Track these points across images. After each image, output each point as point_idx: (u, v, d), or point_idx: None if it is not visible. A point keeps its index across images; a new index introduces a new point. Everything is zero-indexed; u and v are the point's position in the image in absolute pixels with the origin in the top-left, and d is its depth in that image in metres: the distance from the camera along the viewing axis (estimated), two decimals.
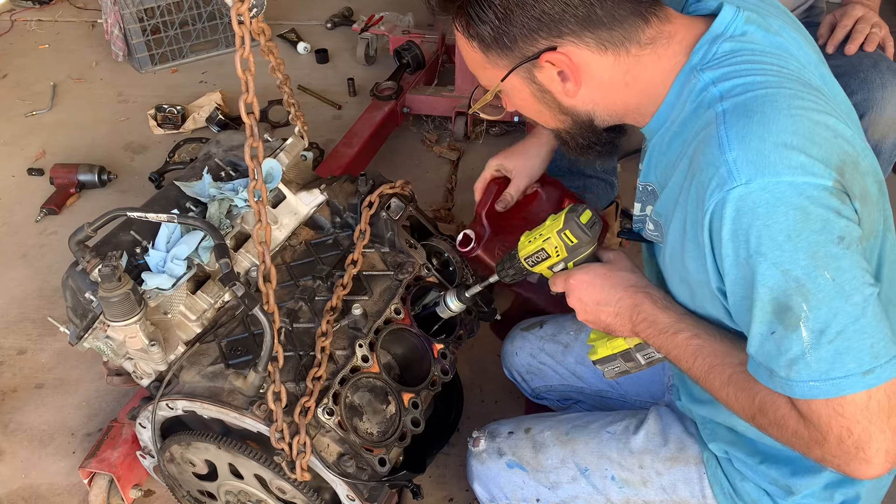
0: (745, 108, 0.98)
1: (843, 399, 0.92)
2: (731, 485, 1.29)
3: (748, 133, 0.95)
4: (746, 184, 0.93)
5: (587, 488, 1.39)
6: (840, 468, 0.96)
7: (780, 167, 0.92)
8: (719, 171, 0.95)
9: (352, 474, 1.37)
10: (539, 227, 1.32)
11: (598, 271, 1.24)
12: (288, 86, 1.78)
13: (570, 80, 1.10)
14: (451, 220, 2.77)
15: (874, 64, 1.71)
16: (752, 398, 1.02)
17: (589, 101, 1.14)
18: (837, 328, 0.91)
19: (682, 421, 1.40)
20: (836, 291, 0.91)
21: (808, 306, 0.92)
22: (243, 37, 1.18)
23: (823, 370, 0.92)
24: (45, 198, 2.96)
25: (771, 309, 0.95)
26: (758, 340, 0.98)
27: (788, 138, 0.94)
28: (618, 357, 1.27)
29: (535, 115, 1.24)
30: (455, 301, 1.53)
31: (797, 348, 0.93)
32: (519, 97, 1.19)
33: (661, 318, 1.15)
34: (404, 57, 3.35)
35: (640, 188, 1.23)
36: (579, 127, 1.20)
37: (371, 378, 1.44)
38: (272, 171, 1.69)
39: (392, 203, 1.69)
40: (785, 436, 1.00)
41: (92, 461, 1.79)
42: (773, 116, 0.95)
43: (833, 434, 0.93)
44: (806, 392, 0.94)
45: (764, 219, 0.92)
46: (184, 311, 1.52)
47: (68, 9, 4.62)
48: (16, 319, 2.46)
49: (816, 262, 0.92)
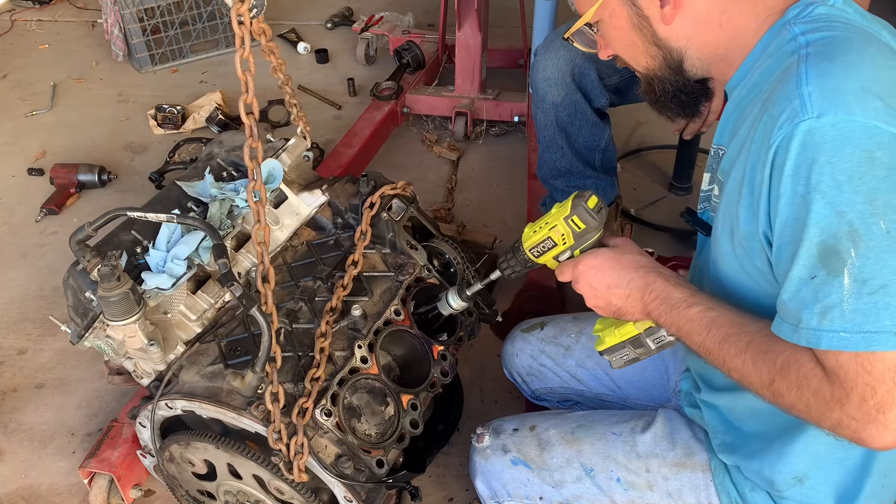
0: (829, 51, 0.97)
1: (873, 355, 0.90)
2: (738, 494, 1.28)
3: (828, 72, 0.94)
4: (818, 117, 0.92)
5: (592, 489, 1.38)
6: (856, 434, 0.93)
7: (854, 107, 0.91)
8: (792, 103, 0.95)
9: (349, 476, 1.37)
10: (544, 217, 1.30)
11: (607, 255, 1.24)
12: (289, 86, 1.78)
13: (671, 5, 1.11)
14: (451, 220, 2.77)
15: None
16: (773, 360, 0.99)
17: (683, 35, 1.15)
18: (881, 281, 0.89)
19: (691, 426, 1.39)
20: (888, 243, 0.90)
21: (856, 253, 0.90)
22: (243, 37, 1.18)
23: (858, 322, 0.90)
24: (45, 198, 2.96)
25: (817, 251, 0.93)
26: (795, 285, 0.95)
27: (869, 84, 0.93)
28: (626, 344, 1.24)
29: (627, 48, 1.23)
30: (457, 299, 1.51)
31: (836, 295, 0.91)
32: (615, 24, 1.19)
33: (675, 294, 1.14)
34: (404, 57, 3.35)
35: (712, 152, 1.21)
36: (669, 67, 1.20)
37: (370, 379, 1.44)
38: (274, 172, 1.69)
39: (393, 204, 1.69)
40: (803, 397, 0.97)
41: (92, 461, 1.79)
42: (857, 62, 0.95)
43: (857, 392, 0.91)
44: (835, 342, 0.92)
45: (829, 155, 0.91)
46: (184, 311, 1.52)
47: (68, 9, 4.62)
48: (16, 319, 2.46)
49: (874, 209, 0.90)
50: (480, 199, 2.93)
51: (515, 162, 3.11)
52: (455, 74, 3.24)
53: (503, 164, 3.12)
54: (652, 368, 1.60)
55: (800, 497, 1.21)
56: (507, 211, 2.84)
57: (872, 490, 1.17)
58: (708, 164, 1.23)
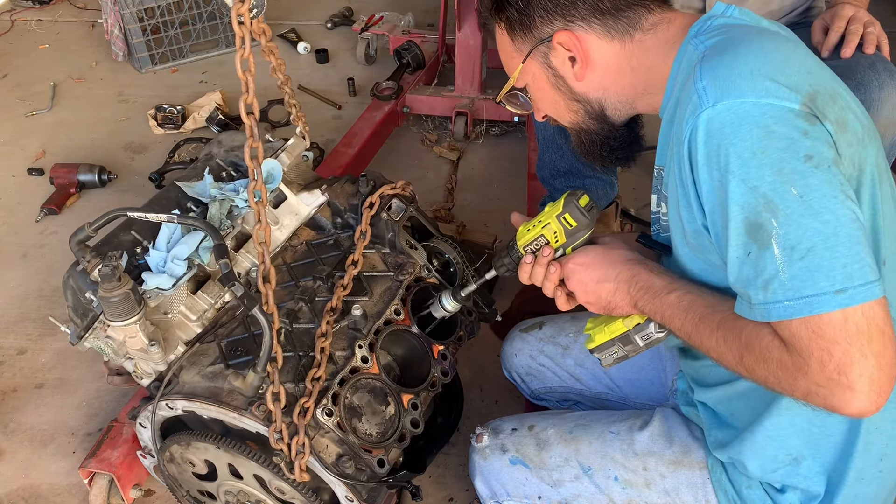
0: (720, 49, 1.05)
1: (820, 318, 0.92)
2: (735, 492, 1.28)
3: (719, 65, 1.02)
4: (713, 105, 0.99)
5: (590, 488, 1.39)
6: (827, 401, 0.95)
7: (744, 89, 0.98)
8: (692, 99, 1.02)
9: (350, 475, 1.37)
10: (537, 216, 1.34)
11: (596, 251, 1.28)
12: (289, 87, 1.78)
13: (579, 63, 1.21)
14: (451, 219, 2.77)
15: (871, 65, 1.70)
16: (738, 336, 1.03)
17: (599, 86, 1.24)
18: (807, 245, 0.93)
19: (688, 425, 1.39)
20: (804, 208, 0.93)
21: (777, 222, 0.94)
22: (244, 38, 1.19)
23: (797, 288, 0.93)
24: (45, 198, 2.96)
25: (744, 228, 0.97)
26: (736, 266, 1.00)
27: (756, 67, 0.99)
28: (616, 342, 1.27)
29: (551, 107, 1.32)
30: (451, 301, 1.52)
31: (771, 267, 0.95)
32: (537, 85, 1.29)
33: (656, 282, 1.18)
34: (404, 57, 3.35)
35: (655, 174, 1.25)
36: (592, 118, 1.28)
37: (370, 379, 1.44)
38: (273, 172, 1.69)
39: (393, 204, 1.69)
40: (771, 370, 0.99)
41: (92, 461, 1.79)
42: (744, 52, 1.02)
43: (814, 358, 0.93)
44: (782, 312, 0.95)
45: (730, 137, 0.97)
46: (184, 312, 1.52)
47: (68, 9, 4.62)
48: (16, 319, 2.47)
49: (782, 178, 0.95)
50: (480, 199, 2.94)
51: (515, 162, 3.11)
52: (455, 74, 3.24)
53: (503, 164, 3.13)
54: (650, 367, 1.60)
55: (794, 480, 1.21)
56: (507, 211, 2.78)
57: (866, 471, 1.16)
58: (654, 186, 1.27)
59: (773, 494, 1.24)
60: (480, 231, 2.63)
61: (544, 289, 1.35)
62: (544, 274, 1.32)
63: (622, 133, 1.30)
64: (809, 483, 1.20)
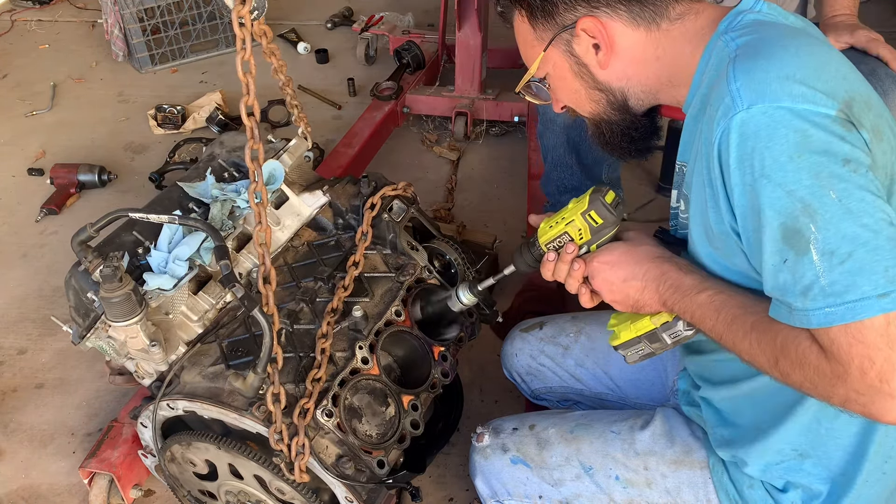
0: (754, 50, 1.03)
1: (862, 324, 0.89)
2: (737, 491, 1.28)
3: (754, 67, 1.00)
4: (748, 108, 0.97)
5: (591, 487, 1.39)
6: (866, 409, 0.92)
7: (780, 94, 0.96)
8: (724, 101, 1.00)
9: (350, 476, 1.37)
10: (560, 212, 1.30)
11: (622, 249, 1.24)
12: (291, 88, 1.78)
13: (603, 51, 1.18)
14: (452, 220, 2.78)
15: (871, 72, 1.69)
16: (773, 340, 1.00)
17: (622, 75, 1.20)
18: (848, 249, 0.90)
19: (689, 425, 1.39)
20: (843, 212, 0.91)
21: (815, 227, 0.92)
22: (244, 39, 1.19)
23: (838, 293, 0.91)
24: (45, 198, 2.96)
25: (780, 234, 0.95)
26: (772, 273, 0.97)
27: (792, 72, 0.97)
28: (642, 339, 1.23)
29: (572, 97, 1.29)
30: (467, 294, 1.50)
31: (810, 274, 0.92)
32: (558, 74, 1.25)
33: (686, 281, 1.15)
34: (404, 57, 3.36)
35: (677, 170, 1.23)
36: (614, 108, 1.25)
37: (371, 380, 1.45)
38: (275, 173, 1.69)
39: (394, 205, 1.69)
40: (808, 376, 0.97)
41: (92, 461, 1.79)
42: (779, 55, 1.00)
43: (855, 365, 0.90)
44: (822, 319, 0.92)
45: (766, 141, 0.95)
46: (185, 312, 1.52)
47: (68, 9, 4.62)
48: (16, 319, 2.47)
49: (821, 182, 0.92)
50: (480, 199, 2.94)
51: (515, 162, 3.12)
52: (455, 74, 3.24)
53: (503, 164, 3.13)
54: (650, 368, 1.60)
55: (797, 476, 1.21)
56: (507, 211, 2.84)
57: (871, 473, 1.16)
58: (675, 181, 1.25)
59: (774, 494, 1.24)
60: (480, 231, 2.63)
61: (567, 286, 1.31)
62: (567, 271, 1.29)
63: (643, 123, 1.26)
64: (812, 480, 1.20)
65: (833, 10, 1.85)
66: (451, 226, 2.58)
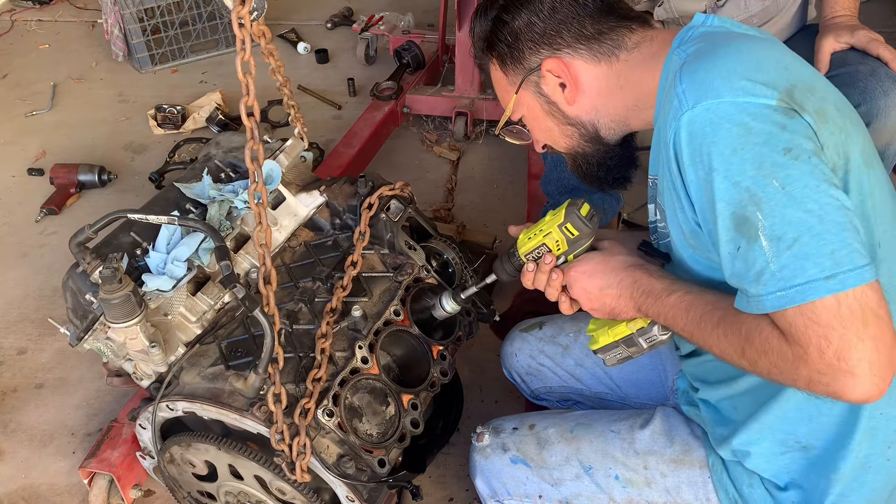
0: (698, 55, 1.09)
1: (814, 305, 0.93)
2: (737, 490, 1.28)
3: (697, 68, 1.06)
4: (692, 108, 1.02)
5: (590, 486, 1.39)
6: (829, 388, 0.95)
7: (721, 90, 1.01)
8: (673, 104, 1.06)
9: (351, 475, 1.37)
10: (538, 224, 1.35)
11: (597, 259, 1.30)
12: (288, 88, 1.78)
13: (569, 88, 1.26)
14: (451, 220, 2.77)
15: (872, 72, 1.69)
16: (739, 330, 1.04)
17: (590, 108, 1.28)
18: (793, 234, 0.95)
19: (689, 424, 1.39)
20: (787, 199, 0.96)
21: (762, 215, 0.97)
22: (244, 40, 1.19)
23: (787, 277, 0.95)
24: (45, 198, 2.96)
25: (732, 224, 0.99)
26: (729, 262, 1.02)
27: (732, 68, 1.03)
28: (620, 344, 1.28)
29: (546, 134, 1.37)
30: (451, 302, 1.55)
31: (761, 260, 0.97)
32: (532, 114, 1.35)
33: (657, 285, 1.20)
34: (404, 57, 3.35)
35: (650, 184, 1.27)
36: (587, 140, 1.32)
37: (370, 379, 1.45)
38: (272, 173, 1.69)
39: (391, 205, 1.69)
40: (772, 361, 1.00)
41: (92, 461, 1.79)
42: (721, 55, 1.06)
43: (813, 345, 0.94)
44: (775, 303, 0.96)
45: (711, 136, 1.00)
46: (184, 313, 1.52)
47: (68, 9, 4.63)
48: (16, 319, 2.47)
49: (763, 172, 0.97)
50: (480, 199, 2.94)
51: (515, 162, 3.12)
52: (455, 74, 3.24)
53: (503, 164, 3.13)
54: (650, 367, 1.60)
55: (799, 468, 1.20)
56: (507, 211, 2.84)
57: (873, 459, 1.15)
58: (649, 196, 1.29)
59: (774, 493, 1.24)
60: (480, 231, 2.63)
61: (547, 294, 1.37)
62: (546, 280, 1.35)
63: (617, 152, 1.33)
64: (815, 473, 1.19)
65: (833, 11, 1.85)
66: (451, 226, 2.58)
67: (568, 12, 1.24)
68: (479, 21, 1.35)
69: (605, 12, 1.24)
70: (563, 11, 1.24)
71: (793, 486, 1.23)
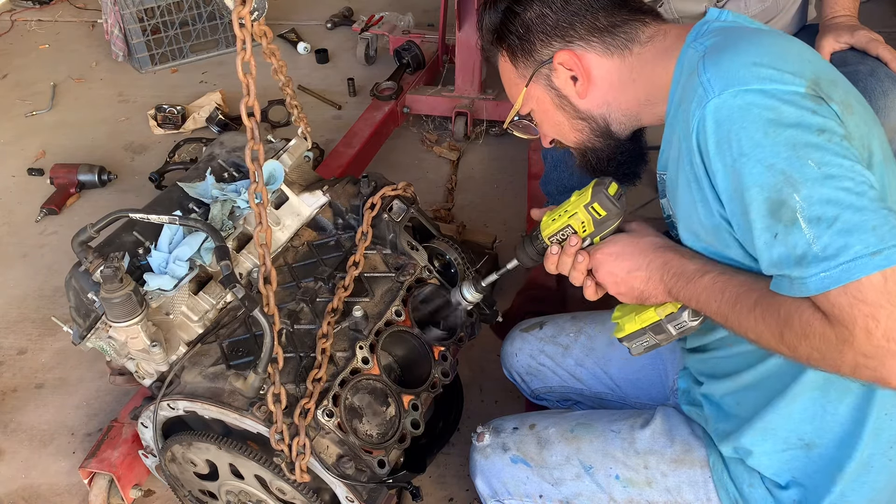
0: (720, 46, 1.08)
1: (860, 283, 0.90)
2: (737, 490, 1.28)
3: (721, 58, 1.04)
4: (719, 95, 1.01)
5: (591, 486, 1.39)
6: (877, 373, 0.91)
7: (749, 78, 1.00)
8: (697, 93, 1.04)
9: (351, 476, 1.37)
10: (563, 205, 1.30)
11: (625, 240, 1.25)
12: (290, 88, 1.78)
13: (581, 81, 1.25)
14: (452, 220, 2.78)
15: (871, 72, 1.69)
16: (777, 313, 1.00)
17: (601, 102, 1.26)
18: (834, 213, 0.92)
19: (689, 424, 1.39)
20: (823, 177, 0.93)
21: (799, 196, 0.94)
22: (244, 40, 1.19)
23: (831, 256, 0.91)
24: (45, 198, 2.96)
25: (767, 209, 0.97)
26: (766, 250, 0.98)
27: (758, 58, 1.02)
28: (647, 331, 1.24)
29: (555, 129, 1.35)
30: (472, 291, 1.51)
31: (802, 242, 0.94)
32: (541, 108, 1.32)
33: (689, 266, 1.16)
34: (404, 57, 3.36)
35: (659, 180, 1.25)
36: (598, 135, 1.30)
37: (371, 380, 1.45)
38: (275, 173, 1.70)
39: (394, 205, 1.69)
40: (814, 345, 0.96)
41: (92, 461, 1.79)
42: (745, 46, 1.05)
43: (859, 326, 0.90)
44: (820, 284, 0.92)
45: (740, 122, 0.98)
46: (186, 312, 1.52)
47: (68, 9, 4.63)
48: (16, 319, 2.47)
49: (798, 153, 0.95)
50: (480, 199, 2.94)
51: (515, 162, 3.12)
52: (455, 74, 3.24)
53: (503, 164, 3.13)
54: (650, 367, 1.60)
55: (801, 465, 1.20)
56: (507, 211, 2.84)
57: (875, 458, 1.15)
58: (659, 191, 1.27)
59: (775, 492, 1.24)
60: (480, 231, 2.64)
61: (572, 278, 1.31)
62: (571, 264, 1.30)
63: (628, 147, 1.31)
64: (817, 472, 1.19)
65: (833, 11, 1.85)
66: (451, 226, 2.58)
67: (581, 4, 1.22)
68: (488, 12, 1.32)
69: (617, 5, 1.23)
70: (576, 3, 1.23)
71: (794, 485, 1.22)
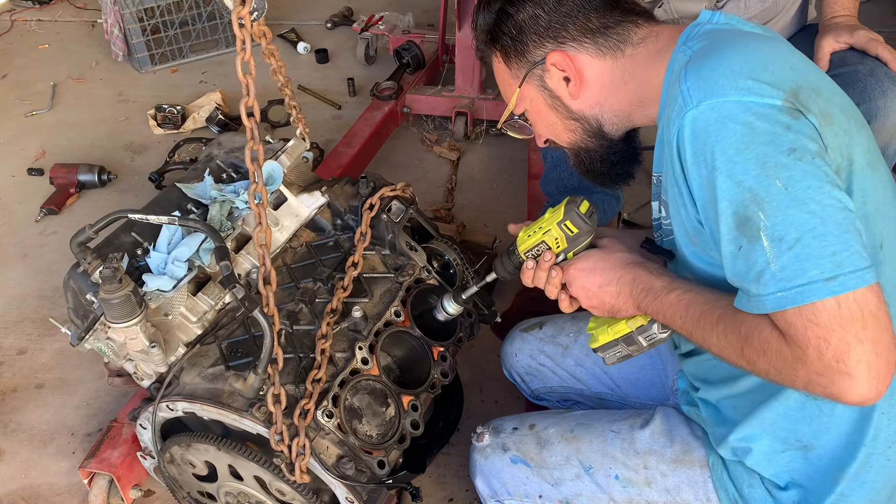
0: (704, 52, 1.09)
1: (814, 306, 0.93)
2: (737, 490, 1.28)
3: (702, 66, 1.06)
4: (697, 106, 1.02)
5: (590, 486, 1.39)
6: (827, 390, 0.95)
7: (727, 89, 1.01)
8: (677, 101, 1.06)
9: (351, 476, 1.37)
10: (537, 222, 1.35)
11: (597, 256, 1.30)
12: (289, 88, 1.78)
13: (573, 82, 1.25)
14: (451, 220, 2.77)
15: (871, 72, 1.69)
16: (738, 329, 1.04)
17: (594, 103, 1.28)
18: (795, 235, 0.95)
19: (689, 424, 1.39)
20: (789, 199, 0.96)
21: (764, 215, 0.97)
22: (244, 40, 1.19)
23: (788, 278, 0.95)
24: (45, 198, 2.96)
25: (734, 223, 1.00)
26: (730, 261, 1.02)
27: (738, 67, 1.03)
28: (619, 342, 1.28)
29: (549, 129, 1.36)
30: (452, 304, 1.55)
31: (762, 260, 0.97)
32: (535, 108, 1.34)
33: (656, 283, 1.19)
34: (404, 57, 3.36)
35: (654, 181, 1.27)
36: (590, 135, 1.31)
37: (371, 380, 1.45)
38: (273, 174, 1.69)
39: (393, 205, 1.69)
40: (771, 361, 1.00)
41: (92, 461, 1.79)
42: (726, 54, 1.06)
43: (812, 346, 0.94)
44: (776, 303, 0.96)
45: (715, 135, 1.00)
46: (184, 313, 1.52)
47: (68, 9, 4.63)
48: (16, 319, 2.47)
49: (767, 172, 0.97)
50: (480, 199, 2.94)
51: (515, 162, 3.12)
52: (455, 74, 3.24)
53: (503, 164, 3.13)
54: (650, 367, 1.60)
55: (799, 466, 1.20)
56: (507, 211, 2.84)
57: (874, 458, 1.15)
58: (653, 193, 1.29)
59: (774, 493, 1.24)
60: (480, 231, 2.63)
61: (547, 292, 1.37)
62: (546, 278, 1.34)
63: (620, 148, 1.33)
64: (815, 474, 1.19)
65: (833, 11, 1.85)
66: (451, 226, 2.58)
67: (573, 5, 1.24)
68: (482, 13, 1.33)
69: (610, 6, 1.24)
70: (569, 4, 1.24)
71: (793, 486, 1.22)
